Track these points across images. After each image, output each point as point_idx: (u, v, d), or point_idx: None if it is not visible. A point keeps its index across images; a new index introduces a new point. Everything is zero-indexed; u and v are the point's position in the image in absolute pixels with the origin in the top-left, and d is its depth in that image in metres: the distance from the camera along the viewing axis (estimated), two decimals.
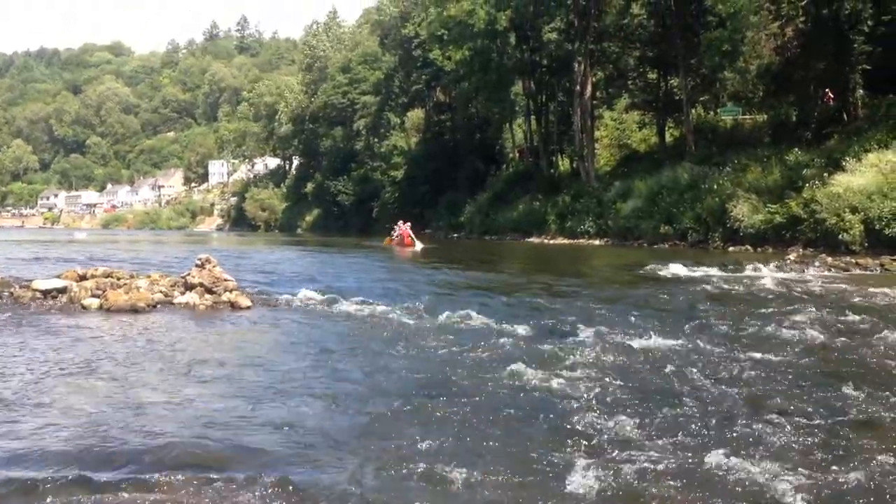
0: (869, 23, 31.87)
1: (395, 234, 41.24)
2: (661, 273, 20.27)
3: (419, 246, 38.29)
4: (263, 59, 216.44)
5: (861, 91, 33.37)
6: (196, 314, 12.80)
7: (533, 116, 57.79)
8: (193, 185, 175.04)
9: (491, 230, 54.16)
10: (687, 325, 11.16)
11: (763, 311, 12.86)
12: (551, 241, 44.64)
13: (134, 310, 12.65)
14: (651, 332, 10.48)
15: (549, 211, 47.83)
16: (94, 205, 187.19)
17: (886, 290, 14.89)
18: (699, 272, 19.92)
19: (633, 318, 11.91)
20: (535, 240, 46.83)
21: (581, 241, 42.13)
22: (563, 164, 58.00)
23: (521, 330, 10.89)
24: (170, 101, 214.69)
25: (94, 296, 13.25)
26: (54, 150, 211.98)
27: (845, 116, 33.83)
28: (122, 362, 8.81)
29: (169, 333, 10.86)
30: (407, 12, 74.37)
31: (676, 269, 20.53)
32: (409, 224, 42.13)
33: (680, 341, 9.89)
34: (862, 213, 24.46)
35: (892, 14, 31.54)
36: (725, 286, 17.06)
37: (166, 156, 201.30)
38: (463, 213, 59.42)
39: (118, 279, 14.13)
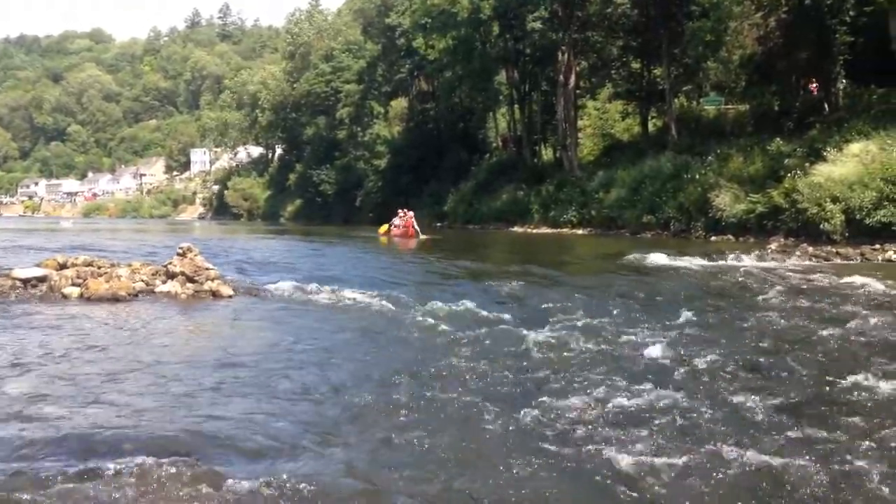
0: (851, 13, 32.01)
1: (396, 224, 39.20)
2: (643, 262, 20.32)
3: (422, 237, 37.24)
4: (246, 47, 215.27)
5: (844, 81, 33.55)
6: (177, 303, 12.73)
7: (516, 106, 57.81)
8: (175, 173, 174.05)
9: (474, 219, 54.17)
10: (668, 314, 11.19)
11: (744, 300, 12.94)
12: (535, 231, 44.71)
13: (115, 298, 12.56)
14: (632, 321, 10.52)
15: (533, 200, 47.90)
16: (75, 193, 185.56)
17: (866, 279, 14.98)
18: (681, 262, 19.97)
19: (614, 307, 11.94)
20: (518, 229, 46.88)
21: (564, 230, 42.22)
22: (547, 153, 58.06)
23: (504, 318, 10.90)
24: (151, 89, 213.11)
25: (74, 284, 13.14)
26: (34, 137, 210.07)
27: (827, 107, 34.00)
28: (99, 351, 8.75)
29: (149, 322, 10.79)
30: (390, 1, 74.12)
31: (658, 258, 20.58)
32: (412, 213, 39.95)
33: (661, 330, 9.92)
34: (843, 203, 24.57)
35: (874, 4, 31.67)
36: (707, 275, 17.12)
37: (148, 144, 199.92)
38: (446, 202, 59.36)
39: (99, 268, 14.02)
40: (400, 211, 40.39)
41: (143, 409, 6.47)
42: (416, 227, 38.59)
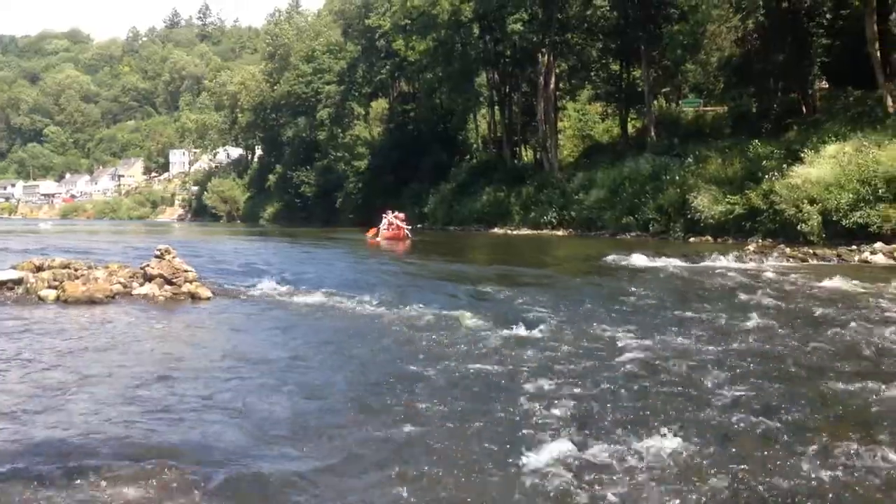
0: (828, 16, 32.34)
1: (384, 226, 37.24)
2: (622, 263, 20.39)
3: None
4: (225, 48, 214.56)
5: (828, 84, 33.86)
6: (155, 306, 12.64)
7: (497, 107, 57.91)
8: (154, 174, 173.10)
9: (455, 221, 54.16)
10: (646, 315, 11.24)
11: (721, 301, 13.00)
12: (515, 232, 44.78)
13: (91, 301, 12.46)
14: (611, 323, 10.54)
15: (513, 202, 48.02)
16: (53, 195, 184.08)
17: (842, 280, 15.10)
18: (660, 263, 20.06)
19: (594, 309, 11.96)
20: (499, 231, 46.94)
21: (544, 231, 42.33)
22: (527, 154, 58.20)
23: (484, 321, 10.89)
24: (130, 89, 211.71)
25: (50, 287, 13.04)
26: (11, 138, 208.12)
27: (804, 108, 34.28)
28: (72, 354, 8.68)
29: (125, 325, 10.71)
30: (370, 2, 74.02)
31: (638, 259, 20.66)
32: (401, 215, 38.18)
33: (639, 331, 9.95)
34: (820, 205, 24.78)
35: (850, 7, 31.99)
36: (686, 276, 17.21)
37: (126, 145, 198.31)
38: (427, 203, 59.29)
39: (76, 270, 13.92)
40: (388, 212, 38.64)
41: (118, 414, 6.41)
42: (408, 231, 37.35)
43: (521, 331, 9.98)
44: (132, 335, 9.97)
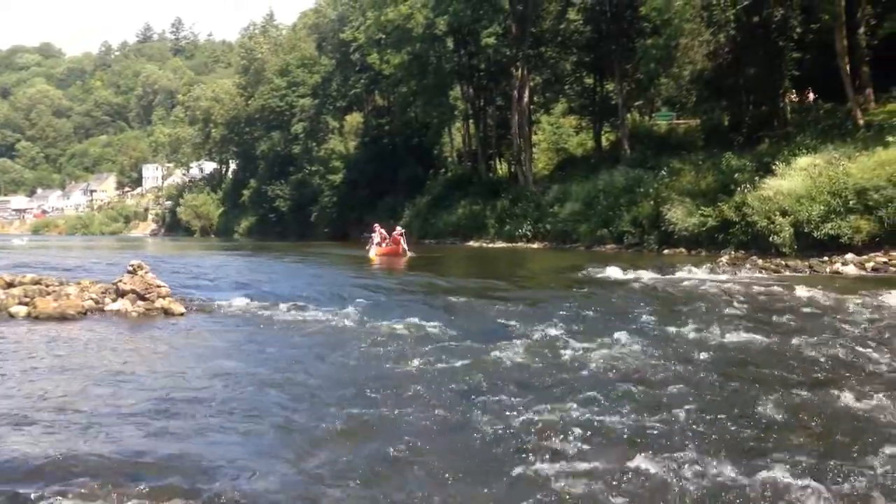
0: (798, 30, 32.73)
1: (377, 242, 34.90)
2: (597, 276, 20.45)
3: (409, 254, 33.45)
4: (198, 62, 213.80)
5: (813, 95, 34.25)
6: (128, 321, 12.51)
7: (471, 121, 58.05)
8: (127, 189, 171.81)
9: (430, 234, 54.08)
10: (621, 328, 11.24)
11: (695, 312, 13.05)
12: (490, 245, 44.84)
13: (63, 317, 12.32)
14: (586, 335, 10.55)
15: (489, 215, 48.08)
16: (24, 210, 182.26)
17: (813, 291, 15.24)
18: (635, 275, 20.13)
19: (569, 322, 11.97)
20: (474, 244, 46.96)
21: (519, 244, 42.41)
22: (502, 168, 58.35)
23: (458, 334, 10.87)
24: (102, 103, 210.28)
25: (21, 303, 12.89)
26: None
27: (776, 122, 34.64)
28: (41, 372, 8.55)
29: (96, 341, 10.57)
30: (345, 16, 74.06)
31: (613, 272, 20.72)
32: (397, 229, 35.95)
33: (614, 343, 9.96)
34: (792, 217, 24.99)
35: (819, 22, 32.42)
36: (660, 288, 17.28)
37: (99, 160, 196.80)
38: (402, 217, 59.19)
39: (47, 286, 13.77)
40: (377, 227, 36.58)
41: (88, 432, 6.32)
42: (405, 244, 34.80)
43: (497, 344, 9.97)
44: (103, 353, 9.84)
